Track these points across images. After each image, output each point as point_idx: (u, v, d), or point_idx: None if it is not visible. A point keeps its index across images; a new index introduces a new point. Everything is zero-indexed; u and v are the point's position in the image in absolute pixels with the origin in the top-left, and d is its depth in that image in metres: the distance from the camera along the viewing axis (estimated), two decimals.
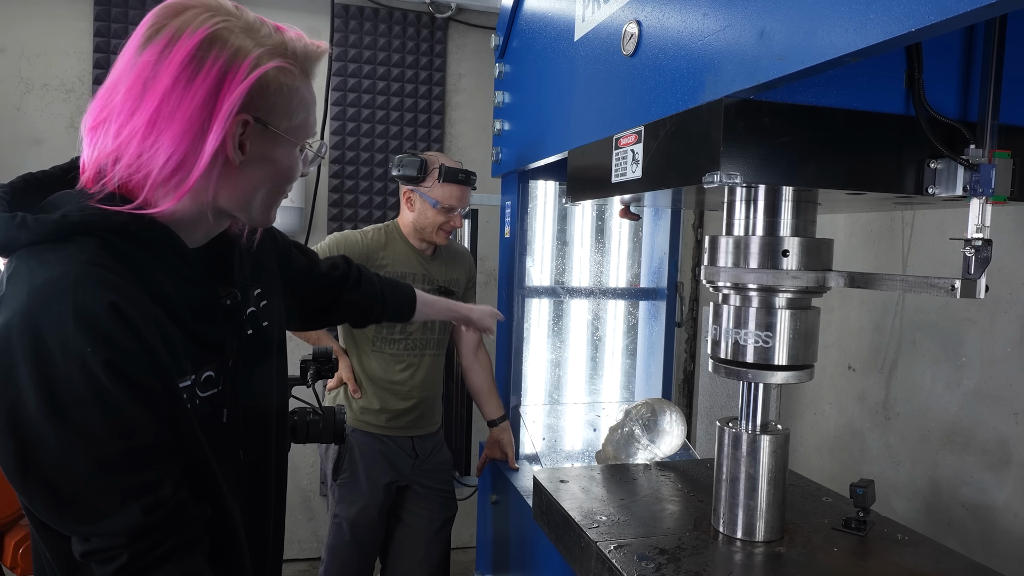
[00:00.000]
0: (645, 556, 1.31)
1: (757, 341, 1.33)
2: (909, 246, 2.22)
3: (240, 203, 0.97)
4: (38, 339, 0.80)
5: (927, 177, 1.15)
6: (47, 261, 0.84)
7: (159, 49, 0.87)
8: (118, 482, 0.84)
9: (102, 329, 0.82)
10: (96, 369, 0.81)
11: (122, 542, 0.84)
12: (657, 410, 2.09)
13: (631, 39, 1.34)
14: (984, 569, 1.33)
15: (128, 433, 0.84)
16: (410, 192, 2.33)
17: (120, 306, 0.84)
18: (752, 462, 1.39)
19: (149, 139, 0.87)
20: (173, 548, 0.88)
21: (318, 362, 1.68)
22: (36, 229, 0.85)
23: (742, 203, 1.36)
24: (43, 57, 3.19)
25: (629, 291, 2.65)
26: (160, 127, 0.87)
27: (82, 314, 0.81)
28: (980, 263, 1.06)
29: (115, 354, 0.83)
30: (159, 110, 0.87)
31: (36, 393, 0.80)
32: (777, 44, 0.93)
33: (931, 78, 1.11)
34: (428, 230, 2.34)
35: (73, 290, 0.82)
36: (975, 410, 2.00)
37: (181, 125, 0.87)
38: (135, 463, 0.85)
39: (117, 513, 0.84)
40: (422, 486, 2.43)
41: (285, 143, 0.97)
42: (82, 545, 0.85)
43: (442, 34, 3.64)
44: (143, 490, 0.86)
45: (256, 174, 0.96)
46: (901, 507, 2.21)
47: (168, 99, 0.87)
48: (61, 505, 0.83)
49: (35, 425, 0.80)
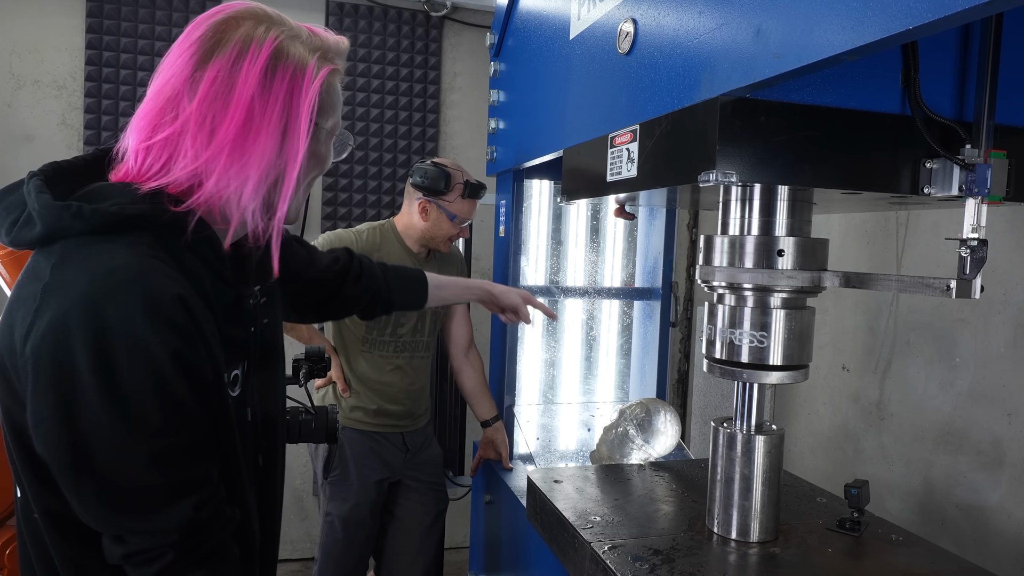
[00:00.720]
0: (639, 557, 1.30)
1: (752, 341, 1.33)
2: (903, 246, 2.22)
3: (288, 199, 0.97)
4: (102, 328, 0.79)
5: (923, 177, 1.15)
6: (107, 251, 0.83)
7: (229, 63, 0.87)
8: (173, 477, 0.84)
9: (171, 320, 0.82)
10: (162, 360, 0.81)
11: (172, 539, 0.84)
12: (651, 410, 2.09)
13: (626, 37, 1.33)
14: (978, 569, 1.32)
15: (186, 426, 0.85)
16: (427, 203, 2.28)
17: (186, 299, 0.84)
18: (747, 462, 1.39)
19: (237, 150, 0.87)
20: (214, 548, 0.89)
21: (311, 361, 1.67)
22: (92, 220, 0.84)
23: (737, 202, 1.36)
24: (34, 53, 3.16)
25: (624, 291, 2.65)
26: (250, 138, 0.88)
27: (151, 304, 0.81)
28: (976, 263, 1.05)
29: (183, 345, 0.83)
30: (247, 121, 0.87)
31: (96, 383, 0.78)
32: (773, 42, 0.93)
33: (927, 78, 1.10)
34: (438, 240, 2.33)
35: (142, 280, 0.82)
36: (969, 411, 2.00)
37: (267, 135, 0.88)
38: (188, 457, 0.86)
39: (170, 508, 0.84)
40: (414, 480, 2.43)
41: (328, 138, 1.00)
42: (123, 547, 0.84)
43: (437, 33, 3.63)
44: (194, 485, 0.86)
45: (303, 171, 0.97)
46: (895, 507, 2.21)
47: (252, 108, 0.87)
48: (114, 500, 0.82)
49: (93, 417, 0.79)
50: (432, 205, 2.28)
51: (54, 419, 0.80)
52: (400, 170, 3.63)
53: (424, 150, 3.65)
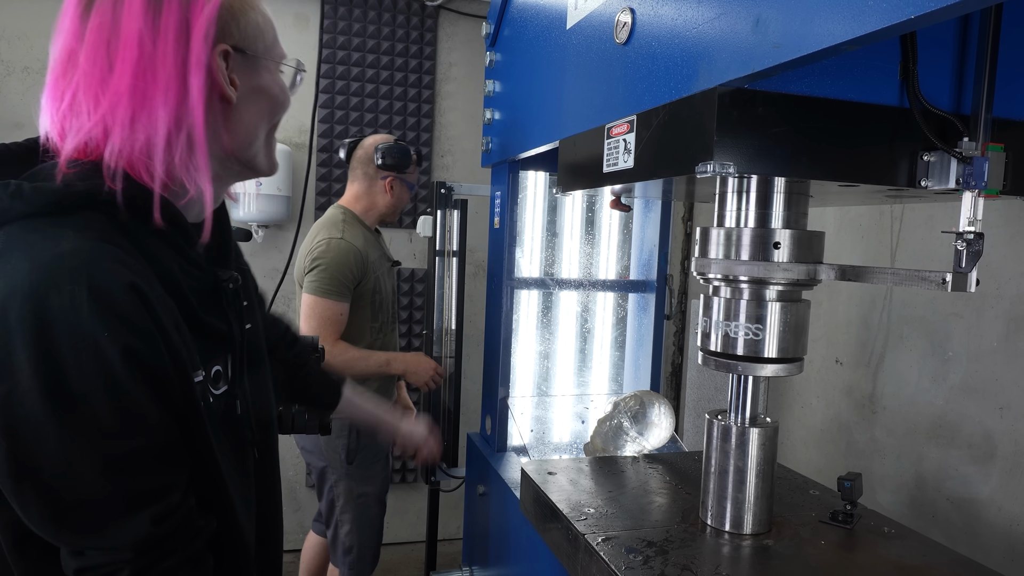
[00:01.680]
0: (633, 548, 1.30)
1: (747, 333, 1.33)
2: (898, 240, 2.23)
3: (247, 144, 0.91)
4: (44, 323, 0.71)
5: (920, 170, 1.15)
6: (52, 236, 0.75)
7: (110, 6, 0.80)
8: (127, 487, 0.76)
9: (121, 312, 0.73)
10: (111, 357, 0.73)
11: (127, 556, 0.76)
12: (646, 402, 2.09)
13: (624, 27, 1.32)
14: (969, 562, 1.33)
15: (141, 431, 0.76)
16: (394, 179, 2.52)
17: (140, 288, 0.75)
18: (741, 455, 1.39)
19: (137, 95, 0.79)
20: (179, 563, 0.80)
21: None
22: (34, 199, 0.76)
23: (734, 194, 1.35)
24: (23, 39, 3.12)
25: (618, 283, 2.64)
26: (146, 79, 0.79)
27: (99, 295, 0.72)
28: (971, 256, 1.05)
29: (135, 340, 0.74)
30: (139, 61, 0.78)
31: (37, 384, 0.71)
32: (773, 32, 0.92)
33: (925, 70, 1.10)
34: (398, 211, 2.60)
35: (88, 268, 0.73)
36: (961, 404, 2.01)
37: (164, 70, 0.79)
38: (146, 465, 0.77)
39: (124, 522, 0.76)
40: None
41: (268, 67, 0.92)
42: (77, 560, 0.76)
43: (432, 22, 3.61)
44: (153, 497, 0.78)
45: (252, 109, 0.90)
46: (887, 500, 2.22)
47: (142, 45, 0.79)
48: (60, 514, 0.74)
49: (34, 422, 0.71)
50: (397, 180, 2.53)
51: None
52: None
53: (419, 141, 3.63)
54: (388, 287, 2.58)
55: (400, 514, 3.83)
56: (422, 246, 3.72)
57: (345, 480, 2.48)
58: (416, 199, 2.71)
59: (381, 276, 2.52)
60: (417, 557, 3.66)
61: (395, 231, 3.71)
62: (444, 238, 3.06)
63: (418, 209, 3.67)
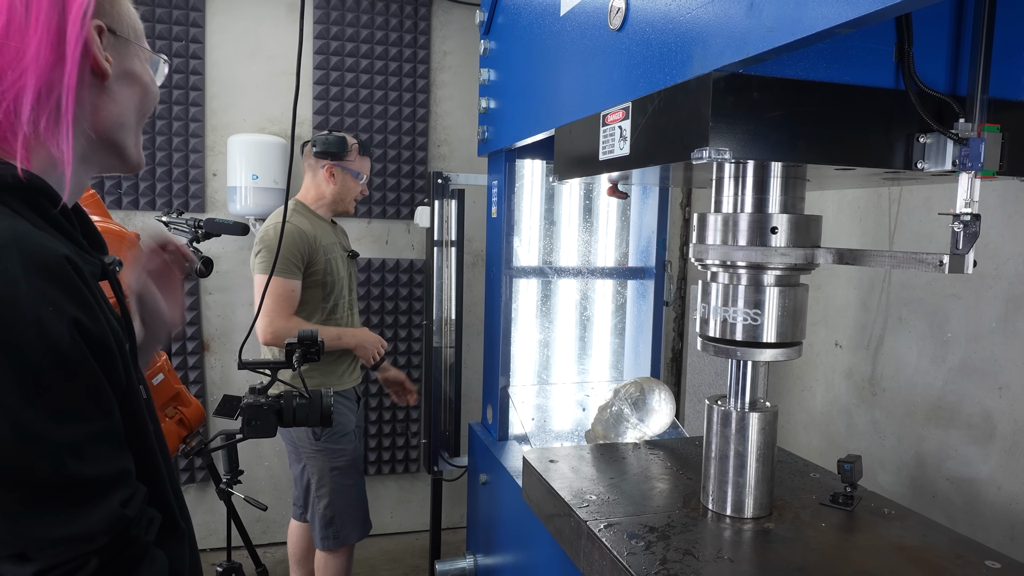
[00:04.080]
0: (635, 534, 1.31)
1: (746, 319, 1.33)
2: (896, 223, 2.23)
3: (118, 127, 0.89)
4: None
5: (916, 152, 1.14)
6: None
7: None
8: (90, 470, 0.72)
9: (63, 283, 0.70)
10: (57, 333, 0.68)
11: (100, 543, 0.72)
12: (646, 389, 2.09)
13: (618, 13, 1.31)
14: (968, 541, 1.34)
15: (96, 409, 0.73)
16: (333, 167, 2.60)
17: (73, 260, 0.72)
18: (741, 439, 1.39)
19: (6, 55, 0.76)
20: (142, 551, 0.77)
21: (303, 345, 1.67)
22: None
23: (730, 180, 1.35)
24: None
25: (617, 270, 2.64)
26: (14, 39, 0.76)
27: (36, 268, 0.68)
28: (969, 238, 1.05)
29: (81, 312, 0.71)
30: (9, 22, 0.76)
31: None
32: (767, 16, 0.92)
33: (921, 51, 1.09)
34: (347, 200, 2.67)
35: (19, 243, 0.69)
36: (960, 385, 2.02)
37: (37, 34, 0.77)
38: (106, 446, 0.74)
39: (95, 507, 0.72)
40: (357, 427, 2.77)
41: (139, 54, 0.92)
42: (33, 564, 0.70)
43: (426, 11, 3.58)
44: (117, 479, 0.75)
45: (124, 92, 0.90)
46: (887, 481, 2.23)
47: (13, 7, 0.77)
48: (22, 509, 0.69)
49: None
50: (337, 168, 2.61)
51: None
52: (390, 151, 3.60)
53: (414, 131, 3.62)
54: (343, 272, 2.68)
55: (404, 504, 3.85)
56: (420, 237, 3.71)
57: (316, 458, 2.57)
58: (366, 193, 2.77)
59: (333, 260, 2.62)
60: (421, 546, 3.68)
61: (392, 222, 3.70)
62: (442, 228, 3.06)
63: (415, 200, 3.66)
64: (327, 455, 2.57)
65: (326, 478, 2.58)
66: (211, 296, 3.50)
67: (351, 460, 2.64)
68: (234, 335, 3.54)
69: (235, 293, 3.52)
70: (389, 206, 3.66)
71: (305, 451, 2.59)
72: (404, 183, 3.66)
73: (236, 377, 3.49)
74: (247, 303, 3.54)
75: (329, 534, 2.60)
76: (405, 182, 3.66)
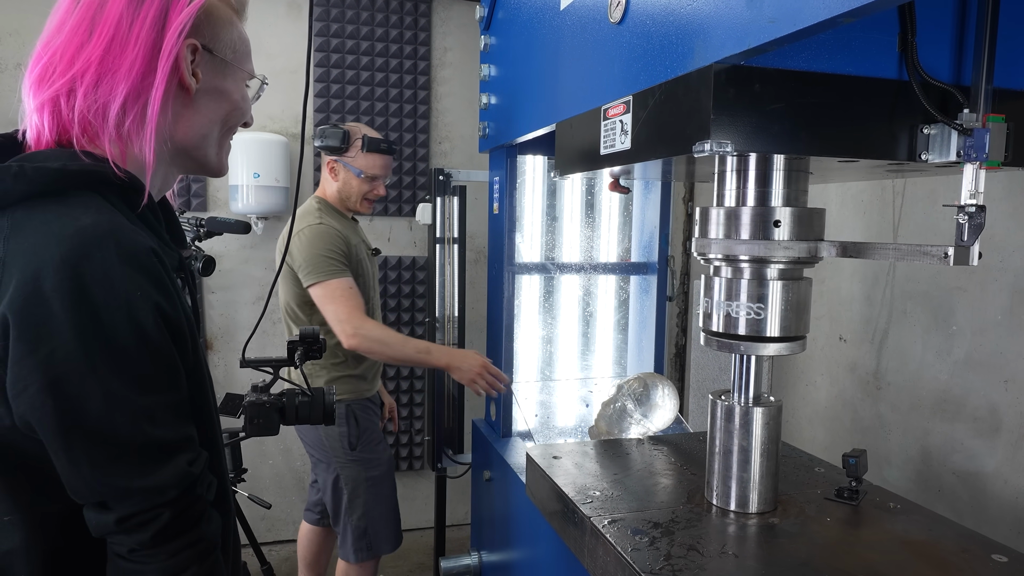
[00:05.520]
0: (639, 530, 1.30)
1: (749, 313, 1.32)
2: (900, 215, 2.21)
3: (199, 137, 0.98)
4: (80, 288, 0.77)
5: (920, 143, 1.13)
6: (65, 214, 0.81)
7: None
8: (162, 434, 0.83)
9: (148, 273, 0.82)
10: (143, 315, 0.80)
11: (171, 496, 0.83)
12: (649, 384, 2.08)
13: (618, 6, 1.30)
14: (975, 535, 1.33)
15: (170, 382, 0.85)
16: (334, 162, 2.47)
17: (157, 252, 0.84)
18: (745, 434, 1.39)
19: (105, 64, 0.87)
20: (204, 509, 0.88)
21: (305, 343, 1.66)
22: (36, 179, 0.82)
23: (733, 173, 1.34)
24: (15, 36, 3.10)
25: (620, 266, 2.64)
26: (114, 52, 0.87)
27: (128, 258, 0.80)
28: (974, 230, 1.04)
29: (162, 298, 0.83)
30: (113, 37, 0.87)
31: (80, 344, 0.77)
32: (768, 6, 0.91)
33: (924, 41, 1.08)
34: (353, 199, 2.51)
35: (113, 236, 0.80)
36: (966, 378, 2.00)
37: (135, 49, 0.88)
38: (177, 415, 0.86)
39: (166, 465, 0.83)
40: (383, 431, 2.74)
41: (233, 74, 1.00)
42: (115, 512, 0.82)
43: (426, 7, 3.57)
44: (184, 443, 0.86)
45: (211, 106, 0.99)
46: (892, 476, 2.22)
47: (120, 25, 0.88)
48: (109, 462, 0.81)
49: (78, 378, 0.78)
50: (339, 164, 2.47)
51: (37, 384, 0.77)
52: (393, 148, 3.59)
53: (416, 127, 3.61)
54: (370, 270, 2.59)
55: (408, 501, 3.85)
56: (422, 234, 3.71)
57: (351, 467, 2.48)
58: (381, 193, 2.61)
59: (363, 259, 2.55)
60: (426, 543, 3.69)
61: (394, 219, 3.70)
62: (444, 225, 3.05)
63: (417, 197, 3.65)
64: (363, 464, 2.48)
65: (361, 487, 2.48)
66: (214, 295, 3.50)
67: (386, 469, 2.56)
68: (237, 333, 3.54)
69: (237, 291, 3.52)
70: (391, 203, 3.66)
71: (339, 460, 2.47)
72: (406, 180, 3.66)
73: (239, 375, 3.50)
74: (249, 301, 3.54)
75: (362, 545, 2.50)
76: (407, 179, 3.66)
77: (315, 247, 2.32)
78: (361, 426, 2.49)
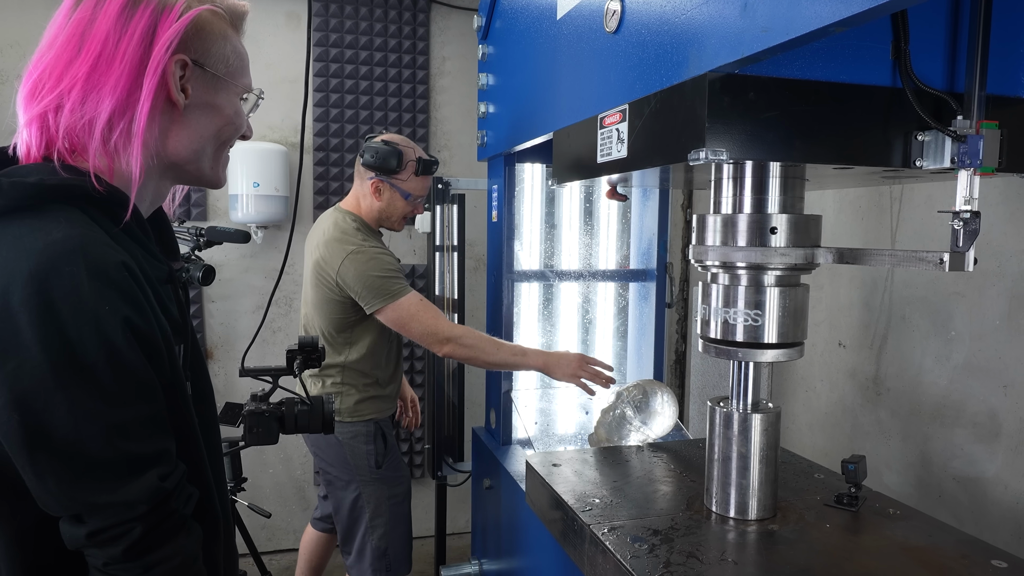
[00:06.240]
0: (639, 538, 1.30)
1: (746, 319, 1.32)
2: (898, 221, 2.22)
3: (190, 152, 0.98)
4: (47, 303, 0.77)
5: (914, 149, 1.14)
6: (38, 227, 0.81)
7: (92, 5, 0.90)
8: (134, 448, 0.83)
9: (119, 287, 0.81)
10: (112, 330, 0.80)
11: (140, 511, 0.82)
12: (648, 391, 2.08)
13: (613, 16, 1.31)
14: (975, 541, 1.33)
15: (142, 396, 0.84)
16: (380, 183, 2.29)
17: (130, 266, 0.84)
18: (743, 441, 1.39)
19: (91, 81, 0.87)
20: (180, 522, 0.88)
21: (304, 352, 1.67)
22: (12, 194, 0.83)
23: (729, 181, 1.35)
24: (16, 48, 3.12)
25: (618, 273, 2.64)
26: (101, 69, 0.88)
27: (97, 273, 0.80)
28: (968, 235, 1.05)
29: (133, 312, 0.82)
30: (100, 54, 0.88)
31: (47, 358, 0.77)
32: (761, 16, 0.91)
33: (917, 49, 1.09)
34: (395, 219, 2.36)
35: (82, 250, 0.80)
36: (965, 383, 2.00)
37: (121, 65, 0.88)
38: (149, 429, 0.85)
39: (135, 480, 0.82)
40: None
41: (226, 88, 1.00)
42: (87, 526, 0.82)
43: (424, 16, 3.59)
44: (156, 458, 0.85)
45: (202, 121, 0.98)
46: (893, 481, 2.22)
47: (107, 42, 0.88)
48: (74, 477, 0.80)
49: (44, 393, 0.77)
50: (385, 184, 2.29)
51: (4, 398, 0.77)
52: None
53: (415, 136, 3.62)
54: None
55: None
56: (421, 242, 3.71)
57: (375, 486, 2.40)
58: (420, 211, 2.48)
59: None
60: (427, 552, 3.67)
61: None
62: (443, 233, 3.06)
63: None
64: (386, 483, 2.42)
65: (383, 507, 2.41)
66: (213, 304, 3.50)
67: (407, 487, 2.52)
68: (237, 343, 3.54)
69: (237, 301, 3.53)
70: None
71: (363, 479, 2.39)
72: None
73: (240, 384, 3.50)
74: (249, 310, 3.54)
75: (381, 566, 2.44)
76: None
77: (371, 270, 2.19)
78: (388, 444, 2.44)
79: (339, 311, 2.28)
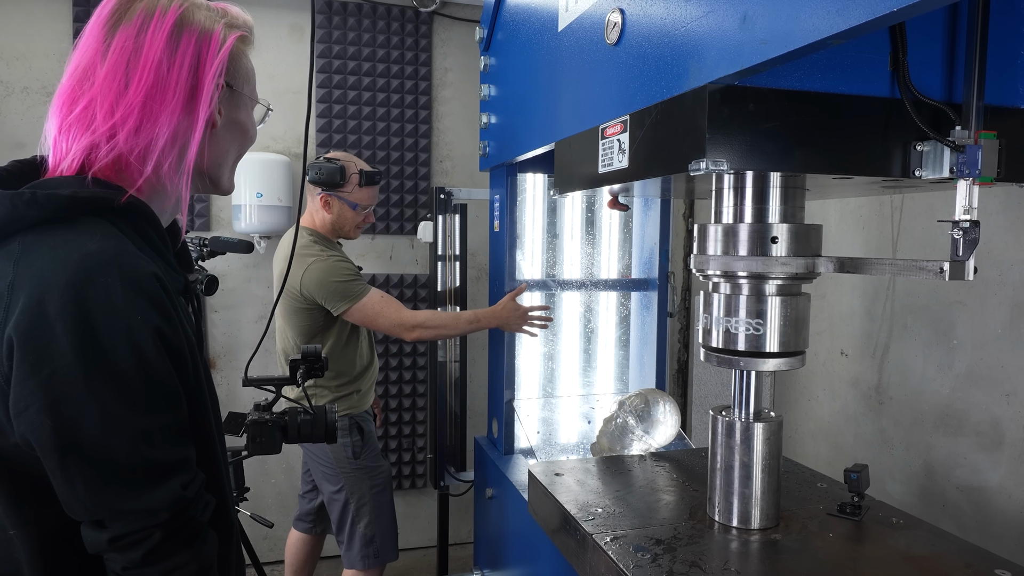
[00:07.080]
0: (641, 547, 1.30)
1: (748, 329, 1.33)
2: (899, 230, 2.22)
3: (216, 166, 1.03)
4: (82, 312, 0.79)
5: (914, 160, 1.15)
6: (73, 239, 0.83)
7: (135, 30, 0.92)
8: (159, 455, 0.85)
9: (150, 297, 0.84)
10: (143, 339, 0.82)
11: (161, 519, 0.84)
12: (651, 400, 2.09)
13: (614, 28, 1.32)
14: (979, 550, 1.33)
15: (168, 404, 0.86)
16: (328, 197, 2.48)
17: (160, 277, 0.87)
18: (746, 450, 1.39)
19: (145, 110, 0.90)
20: (198, 529, 0.89)
21: (307, 361, 1.67)
22: (48, 206, 0.85)
23: (730, 190, 1.35)
24: (22, 60, 3.15)
25: (620, 282, 2.65)
26: (155, 99, 0.91)
27: (130, 283, 0.82)
28: (968, 245, 1.05)
29: (163, 322, 0.85)
30: (154, 84, 0.90)
31: (80, 366, 0.79)
32: (760, 28, 0.93)
33: (916, 60, 1.10)
34: (347, 228, 2.54)
35: (116, 262, 0.83)
36: (967, 392, 2.00)
37: (174, 95, 0.92)
38: (174, 437, 0.87)
39: (159, 487, 0.84)
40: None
41: (248, 105, 1.05)
42: (106, 532, 0.83)
43: (427, 28, 3.62)
44: (180, 465, 0.87)
45: (228, 137, 1.04)
46: (896, 491, 2.22)
47: (159, 72, 0.91)
48: (102, 483, 0.82)
49: (77, 399, 0.79)
50: (333, 198, 2.48)
51: (38, 404, 0.79)
52: (393, 167, 3.62)
53: (417, 147, 3.64)
54: None
55: (411, 519, 3.83)
56: (423, 251, 3.72)
57: (356, 476, 2.54)
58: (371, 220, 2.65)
59: None
60: (429, 562, 3.66)
61: (396, 237, 3.72)
62: (445, 243, 3.07)
63: (419, 215, 3.68)
64: (367, 473, 2.55)
65: (367, 496, 2.55)
66: (216, 314, 3.51)
67: (387, 479, 2.64)
68: (240, 352, 3.55)
69: (240, 311, 3.53)
70: (392, 222, 3.68)
71: (345, 471, 2.53)
72: (407, 199, 3.68)
73: (242, 394, 3.50)
74: (252, 320, 3.55)
75: (370, 552, 2.58)
76: (408, 198, 3.68)
77: (331, 276, 2.36)
78: (365, 436, 2.57)
79: (307, 319, 2.44)
